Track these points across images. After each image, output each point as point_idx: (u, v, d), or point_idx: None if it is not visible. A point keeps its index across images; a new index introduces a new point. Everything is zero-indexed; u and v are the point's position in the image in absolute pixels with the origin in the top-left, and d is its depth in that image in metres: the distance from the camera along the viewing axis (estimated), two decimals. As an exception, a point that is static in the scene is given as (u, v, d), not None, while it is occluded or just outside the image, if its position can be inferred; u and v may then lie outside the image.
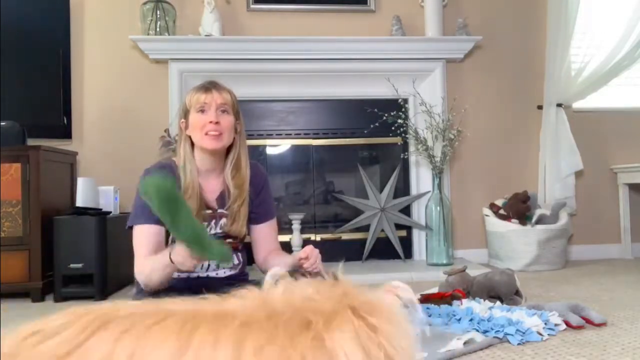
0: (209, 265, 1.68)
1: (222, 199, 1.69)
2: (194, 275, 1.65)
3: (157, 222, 1.57)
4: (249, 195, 1.72)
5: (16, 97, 2.95)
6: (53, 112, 3.07)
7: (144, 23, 3.14)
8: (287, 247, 2.88)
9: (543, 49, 3.48)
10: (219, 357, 0.59)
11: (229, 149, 1.70)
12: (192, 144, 1.67)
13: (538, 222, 3.12)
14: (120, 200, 2.92)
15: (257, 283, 1.76)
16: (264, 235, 1.80)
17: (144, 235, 1.59)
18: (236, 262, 1.75)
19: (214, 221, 1.67)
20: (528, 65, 3.54)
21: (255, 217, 1.78)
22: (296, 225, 3.14)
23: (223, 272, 1.70)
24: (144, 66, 3.22)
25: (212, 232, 1.66)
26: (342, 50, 3.23)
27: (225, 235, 1.69)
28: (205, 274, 1.67)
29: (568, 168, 3.41)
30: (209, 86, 1.65)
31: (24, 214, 2.55)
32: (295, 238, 3.13)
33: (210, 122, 1.60)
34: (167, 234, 1.63)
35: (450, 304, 1.95)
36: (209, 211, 1.66)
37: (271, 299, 0.67)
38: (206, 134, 1.60)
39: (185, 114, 1.66)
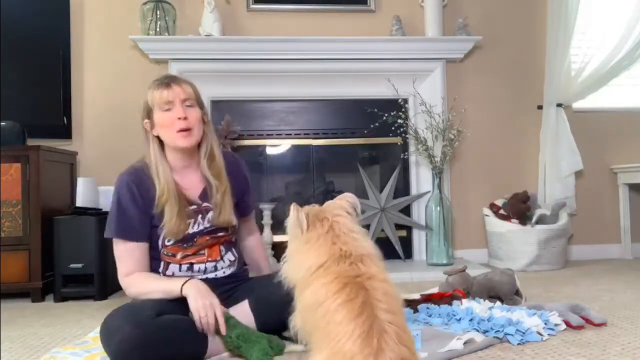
0: (205, 267, 1.66)
1: (205, 193, 1.66)
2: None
3: (139, 237, 1.58)
4: (232, 185, 1.70)
5: (16, 97, 2.95)
6: (53, 112, 3.07)
7: (144, 23, 3.14)
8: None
9: (543, 49, 3.48)
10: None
11: (200, 142, 1.67)
12: (161, 143, 1.64)
13: (538, 222, 3.12)
14: (120, 200, 2.91)
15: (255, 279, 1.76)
16: (250, 224, 1.88)
17: (129, 253, 1.58)
18: (232, 258, 1.73)
19: (200, 216, 1.64)
20: (528, 65, 3.54)
21: (244, 210, 1.80)
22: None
23: (222, 272, 1.69)
24: (144, 66, 3.22)
25: (201, 227, 1.64)
26: (342, 50, 3.24)
27: (215, 229, 1.66)
28: (204, 277, 1.65)
29: (568, 168, 3.41)
30: (169, 81, 1.60)
31: (24, 214, 2.55)
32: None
33: (179, 118, 1.57)
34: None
35: (450, 304, 1.95)
36: (194, 207, 1.63)
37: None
38: (177, 131, 1.57)
39: (149, 113, 1.61)
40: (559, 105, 3.44)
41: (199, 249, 1.64)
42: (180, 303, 1.50)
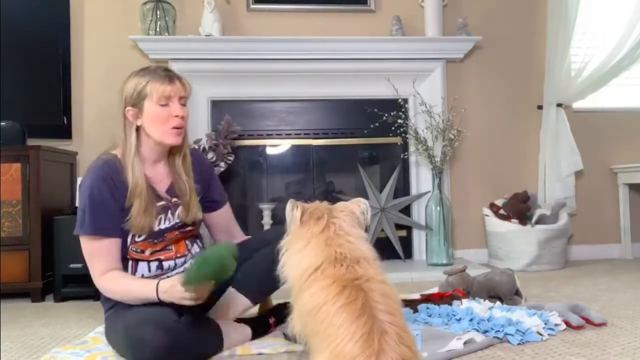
0: (175, 264, 1.65)
1: (172, 189, 1.65)
2: (164, 277, 1.62)
3: (114, 232, 1.52)
4: (197, 181, 1.70)
5: (16, 97, 2.95)
6: (53, 112, 3.07)
7: (144, 23, 3.14)
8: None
9: (543, 49, 3.48)
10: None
11: None
12: (139, 135, 1.59)
13: (538, 222, 3.12)
14: (120, 200, 2.91)
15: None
16: (224, 219, 1.83)
17: (104, 250, 1.52)
18: (197, 250, 1.73)
19: (169, 212, 1.63)
20: (528, 65, 3.54)
21: (212, 205, 1.79)
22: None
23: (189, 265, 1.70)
24: (144, 66, 3.21)
25: (172, 223, 1.63)
26: (342, 50, 3.23)
27: (183, 224, 1.66)
28: (174, 273, 1.64)
29: (568, 168, 3.40)
30: (172, 76, 1.58)
31: (24, 214, 2.55)
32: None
33: (176, 116, 1.55)
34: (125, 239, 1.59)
35: (450, 304, 1.95)
36: (162, 203, 1.61)
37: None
38: (172, 127, 1.55)
39: (136, 102, 1.56)
40: (559, 105, 3.44)
41: (167, 244, 1.63)
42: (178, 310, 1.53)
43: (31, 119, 2.93)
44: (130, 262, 1.59)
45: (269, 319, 1.69)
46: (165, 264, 1.63)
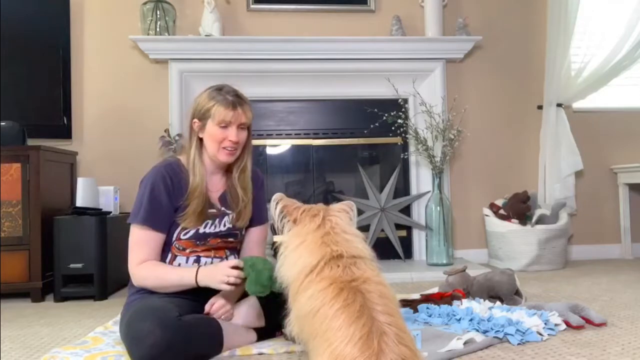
0: (212, 261, 1.69)
1: (224, 198, 1.73)
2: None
3: (162, 228, 1.62)
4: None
5: (16, 97, 2.95)
6: (53, 112, 3.07)
7: (144, 23, 3.14)
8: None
9: (543, 49, 3.48)
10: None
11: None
12: (201, 143, 1.69)
13: (538, 222, 3.12)
14: (120, 200, 2.92)
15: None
16: (252, 238, 1.83)
17: (148, 241, 1.61)
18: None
19: (217, 219, 1.70)
20: (528, 65, 3.54)
21: (252, 219, 1.80)
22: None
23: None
24: (144, 66, 3.22)
25: (217, 229, 1.70)
26: (342, 50, 3.24)
27: (228, 234, 1.72)
28: None
29: (568, 168, 3.41)
30: (235, 102, 1.63)
31: (24, 214, 2.55)
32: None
33: (230, 140, 1.62)
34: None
35: (450, 304, 1.95)
36: (213, 210, 1.69)
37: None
38: (223, 148, 1.64)
39: (202, 117, 1.64)
40: (559, 105, 3.44)
41: (208, 249, 1.69)
42: (195, 302, 1.57)
43: (31, 119, 2.94)
44: (169, 255, 1.66)
45: (275, 331, 1.69)
46: (203, 260, 1.68)
